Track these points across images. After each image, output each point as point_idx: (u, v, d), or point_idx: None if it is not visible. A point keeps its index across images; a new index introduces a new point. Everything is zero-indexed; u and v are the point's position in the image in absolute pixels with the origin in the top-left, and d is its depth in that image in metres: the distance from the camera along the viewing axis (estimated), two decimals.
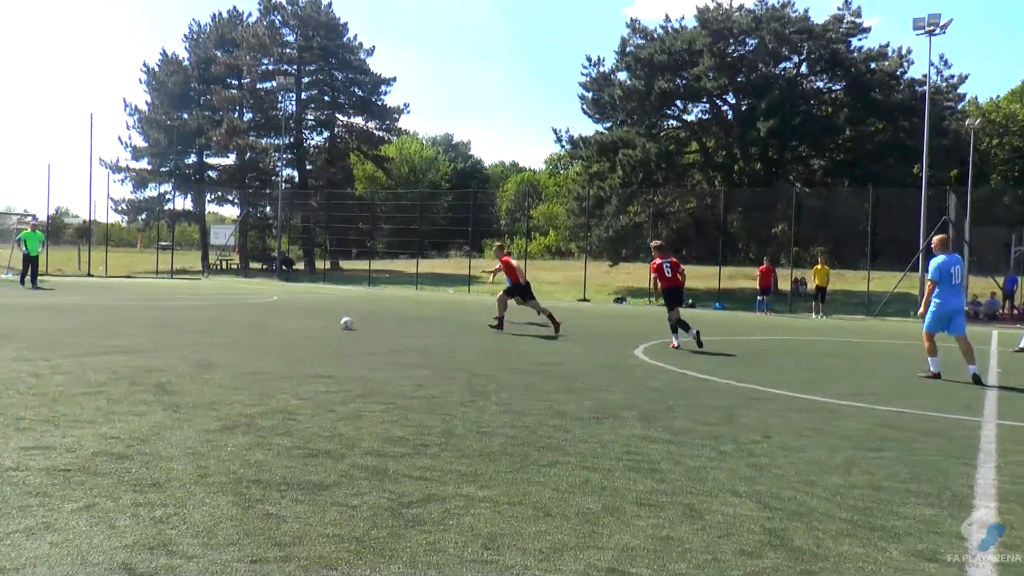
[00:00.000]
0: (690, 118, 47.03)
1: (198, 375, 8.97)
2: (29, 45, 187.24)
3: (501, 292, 17.22)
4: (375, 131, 58.46)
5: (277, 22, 55.74)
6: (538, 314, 17.20)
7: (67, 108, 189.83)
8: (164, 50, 58.59)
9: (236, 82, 56.89)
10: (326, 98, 57.12)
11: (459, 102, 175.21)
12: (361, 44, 56.28)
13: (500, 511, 4.53)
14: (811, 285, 31.87)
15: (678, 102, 45.30)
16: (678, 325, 14.58)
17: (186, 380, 8.59)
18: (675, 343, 14.48)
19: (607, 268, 45.32)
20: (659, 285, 15.21)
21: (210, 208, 62.03)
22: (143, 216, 57.46)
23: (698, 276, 41.85)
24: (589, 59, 44.92)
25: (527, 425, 6.87)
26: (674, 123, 47.36)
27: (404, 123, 73.90)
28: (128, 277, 39.52)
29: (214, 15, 59.26)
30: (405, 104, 59.14)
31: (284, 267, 47.67)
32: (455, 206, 60.95)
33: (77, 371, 8.90)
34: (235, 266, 54.03)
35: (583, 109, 46.01)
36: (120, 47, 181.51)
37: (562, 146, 49.16)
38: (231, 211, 64.31)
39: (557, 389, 8.97)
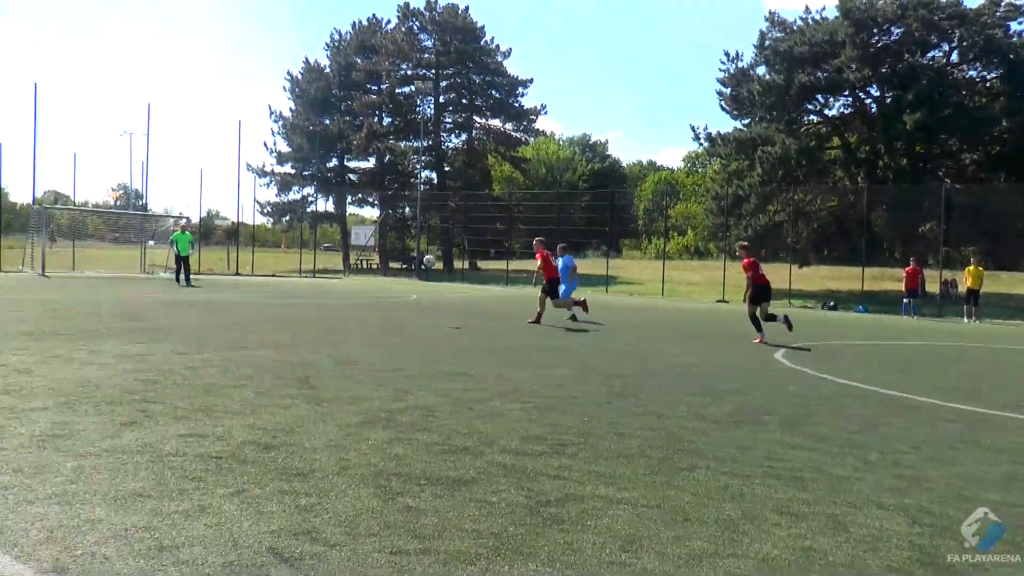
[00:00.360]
0: (831, 112, 45.30)
1: (339, 371, 9.24)
2: (185, 58, 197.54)
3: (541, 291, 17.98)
4: (512, 133, 58.95)
5: (415, 28, 56.93)
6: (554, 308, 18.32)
7: (218, 117, 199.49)
8: (307, 59, 60.97)
9: (376, 87, 58.41)
10: (464, 101, 57.97)
11: (596, 101, 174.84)
12: (498, 47, 56.84)
13: (639, 513, 4.47)
14: (962, 287, 30.14)
15: (819, 96, 43.70)
16: (766, 319, 15.15)
17: (328, 375, 8.86)
18: (761, 339, 14.82)
19: None
20: (751, 282, 15.33)
21: (351, 210, 63.97)
22: (287, 218, 59.72)
23: (840, 277, 40.46)
24: (727, 54, 43.84)
25: (665, 427, 6.77)
26: (815, 118, 45.73)
27: (541, 124, 74.13)
28: (273, 276, 41.13)
29: (354, 23, 61.08)
30: (542, 105, 59.43)
31: (423, 267, 48.65)
32: (592, 206, 60.76)
33: (226, 365, 9.31)
34: (375, 266, 55.50)
35: (721, 105, 45.02)
36: (266, 57, 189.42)
37: (700, 144, 48.24)
38: (371, 212, 66.20)
39: (695, 391, 8.81)
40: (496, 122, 58.91)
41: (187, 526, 3.99)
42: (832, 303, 32.77)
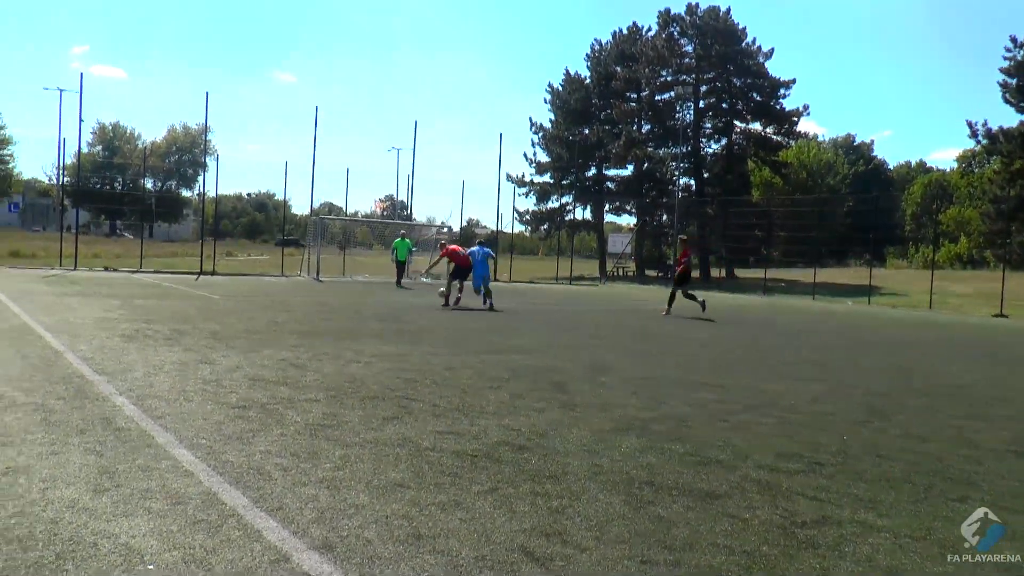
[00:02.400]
0: None
1: (592, 377, 9.32)
2: (450, 76, 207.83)
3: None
4: (772, 136, 57.07)
5: (675, 33, 56.48)
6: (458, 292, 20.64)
7: (479, 131, 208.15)
8: (567, 70, 61.89)
9: (635, 95, 58.52)
10: (724, 105, 56.80)
11: (863, 100, 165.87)
12: (759, 47, 55.22)
13: (901, 544, 4.18)
14: None
15: None
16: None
17: (581, 381, 8.95)
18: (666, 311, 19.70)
19: None
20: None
21: (608, 218, 64.45)
22: (545, 226, 61.04)
23: None
24: (1014, 41, 39.98)
25: (931, 452, 6.27)
26: None
27: (802, 126, 71.37)
28: (530, 283, 42.18)
29: (614, 32, 61.45)
30: (804, 106, 56.94)
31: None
32: (855, 212, 57.63)
33: (482, 367, 9.65)
34: (631, 273, 55.56)
35: (1005, 98, 41.17)
36: (527, 72, 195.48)
37: (978, 141, 44.31)
38: (628, 220, 66.39)
39: (965, 414, 8.10)
40: (756, 126, 57.23)
41: (443, 518, 4.17)
42: None
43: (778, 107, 55.80)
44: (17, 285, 20.74)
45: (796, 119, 56.16)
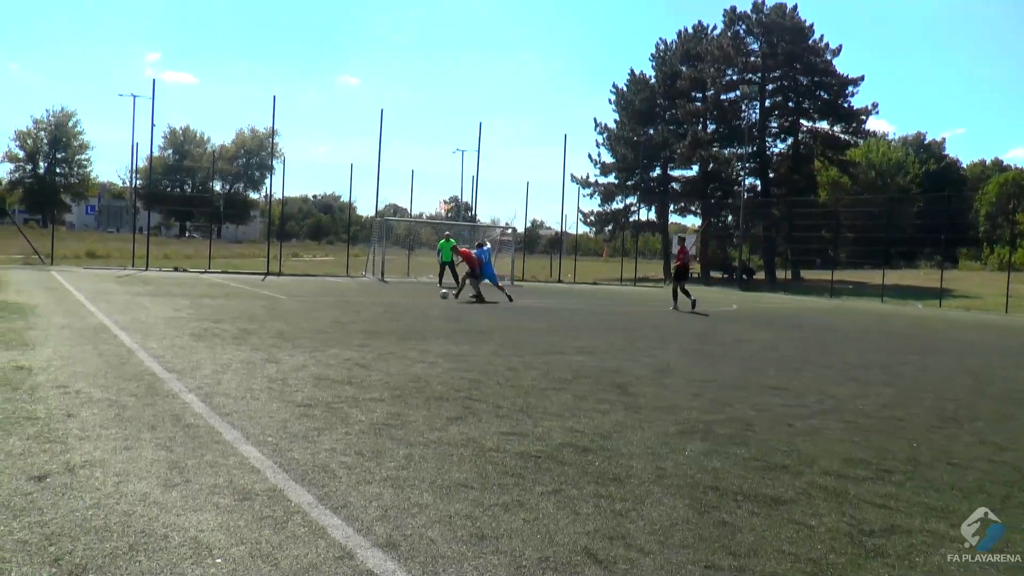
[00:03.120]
0: None
1: (656, 379, 9.26)
2: (515, 78, 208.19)
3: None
4: (840, 135, 56.06)
5: (741, 32, 55.83)
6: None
7: (544, 132, 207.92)
8: (632, 70, 61.48)
9: (700, 95, 58.00)
10: (790, 104, 55.97)
11: (935, 97, 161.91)
12: (827, 45, 54.27)
13: (975, 556, 4.07)
14: None
15: None
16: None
17: (645, 383, 8.90)
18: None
19: None
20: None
21: (673, 219, 63.96)
22: (609, 227, 60.81)
23: None
24: None
25: (1009, 461, 6.09)
26: None
27: (871, 125, 69.48)
28: (594, 284, 42.08)
29: (679, 31, 60.97)
30: (873, 104, 55.84)
31: (744, 276, 47.57)
32: (925, 212, 56.24)
33: (545, 368, 9.65)
34: (695, 275, 55.08)
35: None
36: (591, 72, 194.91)
37: None
38: (693, 221, 65.79)
39: None
40: (823, 125, 56.27)
41: (506, 519, 4.18)
42: None
43: (846, 105, 54.83)
44: (93, 285, 21.33)
45: (864, 117, 55.12)
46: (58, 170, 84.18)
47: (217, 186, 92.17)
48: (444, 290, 23.69)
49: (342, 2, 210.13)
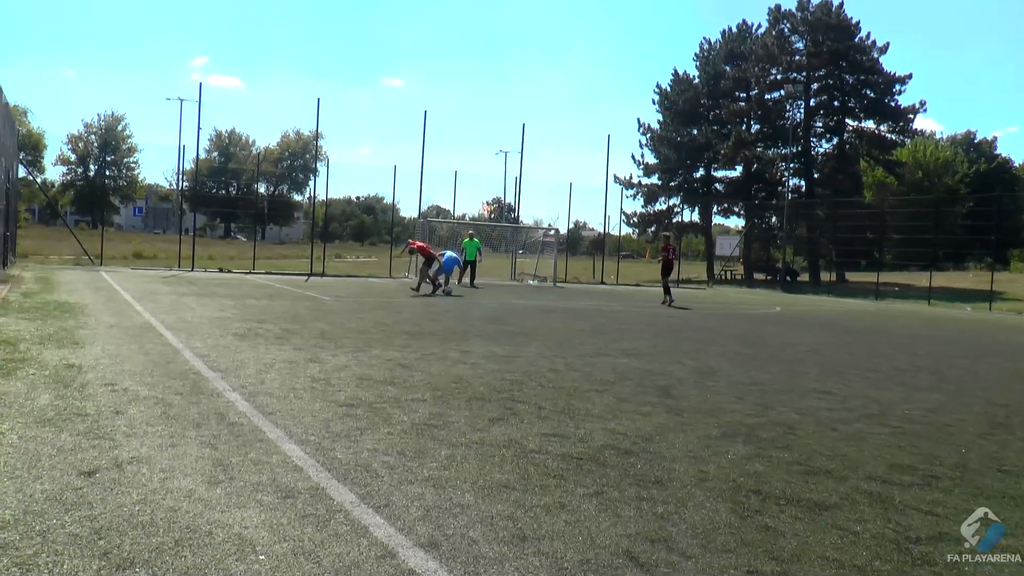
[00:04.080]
0: None
1: (698, 381, 9.21)
2: (558, 79, 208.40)
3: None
4: (886, 134, 55.29)
5: (786, 30, 55.30)
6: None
7: (587, 133, 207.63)
8: (675, 70, 61.34)
9: (744, 95, 57.55)
10: (835, 103, 55.31)
11: (986, 95, 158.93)
12: (874, 42, 53.57)
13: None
14: None
15: None
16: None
17: (687, 385, 8.85)
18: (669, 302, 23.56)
19: None
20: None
21: (716, 220, 63.50)
22: (652, 228, 60.54)
23: None
24: None
25: None
26: None
27: (919, 124, 68.26)
28: (636, 285, 41.88)
29: (724, 31, 60.56)
30: (921, 102, 55.12)
31: (788, 278, 47.08)
32: (975, 212, 55.18)
33: (588, 370, 9.64)
34: (739, 277, 54.65)
35: None
36: (635, 73, 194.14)
37: None
38: (736, 222, 65.26)
39: None
40: (869, 124, 55.52)
41: (547, 520, 4.19)
42: None
43: (893, 104, 54.09)
44: (140, 285, 21.67)
45: (912, 116, 54.37)
46: (107, 172, 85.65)
47: (261, 188, 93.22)
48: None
49: (386, 5, 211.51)
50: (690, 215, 59.96)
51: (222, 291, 20.62)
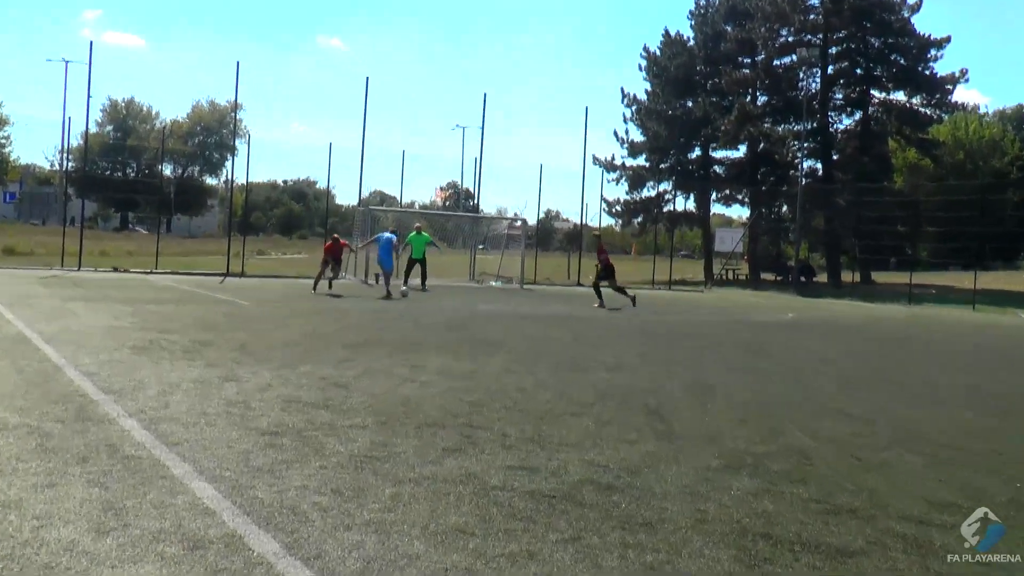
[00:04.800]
0: None
1: (695, 400, 9.23)
2: (525, 42, 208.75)
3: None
4: (920, 108, 55.82)
5: None
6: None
7: (559, 107, 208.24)
8: (667, 30, 61.22)
9: (749, 60, 57.94)
10: (858, 71, 55.78)
11: None
12: (904, 0, 54.27)
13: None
14: None
15: None
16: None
17: (680, 405, 8.87)
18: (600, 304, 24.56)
19: None
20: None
21: (715, 209, 63.86)
22: (639, 219, 60.70)
23: None
24: None
25: None
26: None
27: (959, 96, 68.53)
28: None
29: None
30: (961, 71, 55.67)
31: (801, 278, 47.47)
32: None
33: (563, 388, 9.63)
34: (743, 276, 54.99)
35: None
36: (617, 34, 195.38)
37: None
38: (740, 212, 65.68)
39: None
40: (899, 96, 56.03)
41: (513, 572, 4.15)
42: None
43: (927, 72, 54.55)
44: (12, 288, 21.40)
45: (950, 87, 54.85)
46: None
47: (167, 170, 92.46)
48: (404, 288, 24.27)
49: None
50: (684, 203, 60.10)
51: (117, 295, 20.40)
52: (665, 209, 57.65)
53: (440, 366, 10.83)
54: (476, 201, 48.12)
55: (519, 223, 40.68)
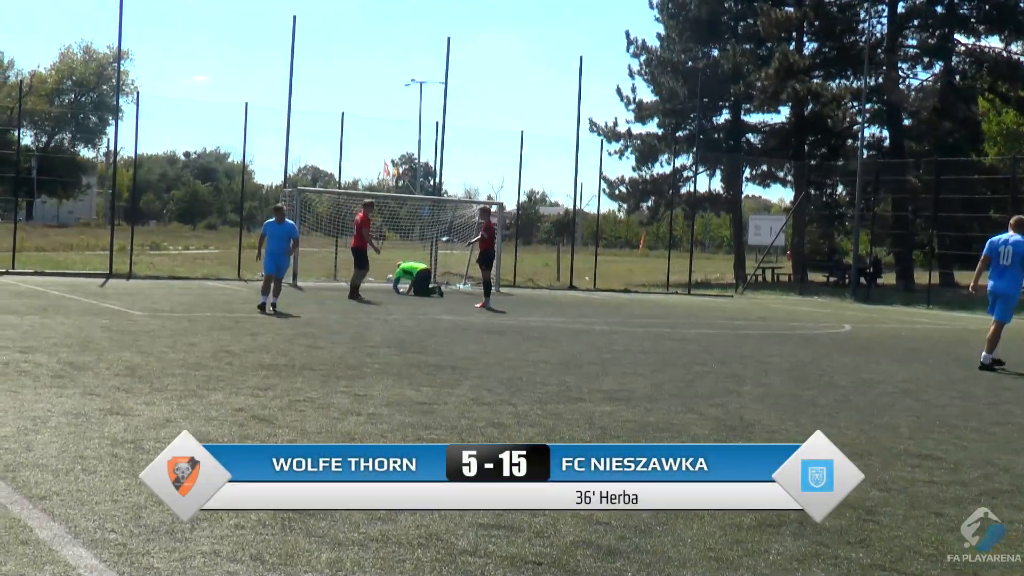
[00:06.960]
0: None
1: (723, 440, 9.26)
2: None
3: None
4: (1021, 58, 55.96)
5: None
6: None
7: (546, 58, 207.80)
8: None
9: None
10: (938, 8, 55.85)
11: None
12: None
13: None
14: None
15: None
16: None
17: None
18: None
19: None
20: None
21: (748, 191, 63.63)
22: (648, 203, 60.32)
23: None
24: None
25: None
26: None
27: None
28: (625, 292, 41.93)
29: None
30: None
31: (862, 280, 47.46)
32: None
33: (552, 423, 9.67)
34: (785, 277, 54.87)
35: None
36: None
37: None
38: (781, 194, 65.65)
39: None
40: (992, 41, 56.24)
41: None
42: None
43: None
44: None
45: None
46: None
47: (27, 138, 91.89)
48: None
49: None
50: (708, 182, 59.93)
51: None
52: (683, 190, 57.37)
53: (390, 395, 10.85)
54: (438, 179, 48.10)
55: (494, 208, 40.58)
